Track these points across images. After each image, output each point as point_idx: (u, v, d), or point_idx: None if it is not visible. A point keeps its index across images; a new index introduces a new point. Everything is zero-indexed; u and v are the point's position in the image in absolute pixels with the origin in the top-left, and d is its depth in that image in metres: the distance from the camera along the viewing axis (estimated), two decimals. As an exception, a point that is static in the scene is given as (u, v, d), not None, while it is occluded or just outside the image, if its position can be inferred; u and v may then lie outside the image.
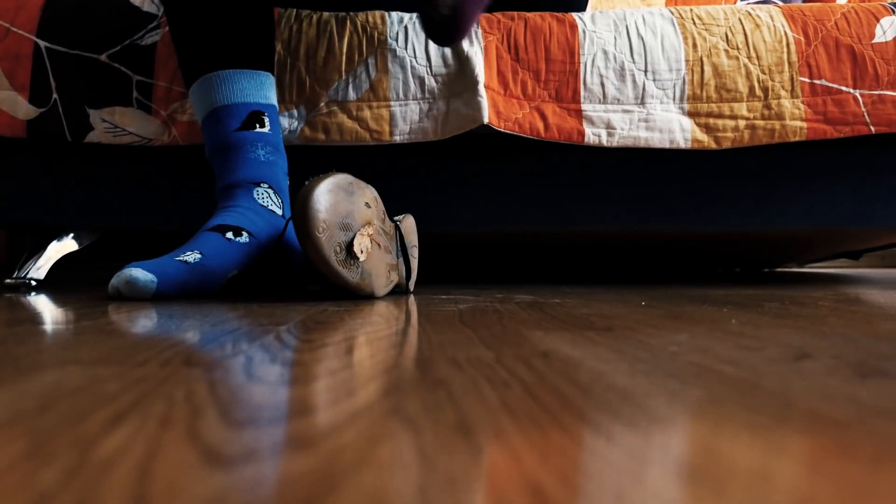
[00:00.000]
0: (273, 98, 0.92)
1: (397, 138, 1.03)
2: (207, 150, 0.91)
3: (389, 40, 1.03)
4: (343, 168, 1.01)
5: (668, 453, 0.20)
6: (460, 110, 1.01)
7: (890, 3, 1.09)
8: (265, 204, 0.87)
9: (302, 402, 0.26)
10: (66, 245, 1.08)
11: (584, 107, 1.03)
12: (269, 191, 0.88)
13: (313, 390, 0.28)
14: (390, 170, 1.04)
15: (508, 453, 0.20)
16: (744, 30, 1.06)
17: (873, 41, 1.05)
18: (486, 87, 1.02)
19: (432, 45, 1.03)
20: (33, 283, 1.02)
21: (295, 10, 1.04)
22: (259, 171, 0.88)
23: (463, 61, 1.02)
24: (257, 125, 0.88)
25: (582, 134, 1.03)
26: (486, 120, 1.00)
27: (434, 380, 0.30)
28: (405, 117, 1.02)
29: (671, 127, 1.03)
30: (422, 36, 1.03)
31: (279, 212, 0.88)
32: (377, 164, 1.04)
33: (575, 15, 1.07)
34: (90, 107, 1.00)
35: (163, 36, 1.01)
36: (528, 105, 1.03)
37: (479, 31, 1.04)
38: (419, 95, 1.02)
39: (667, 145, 1.03)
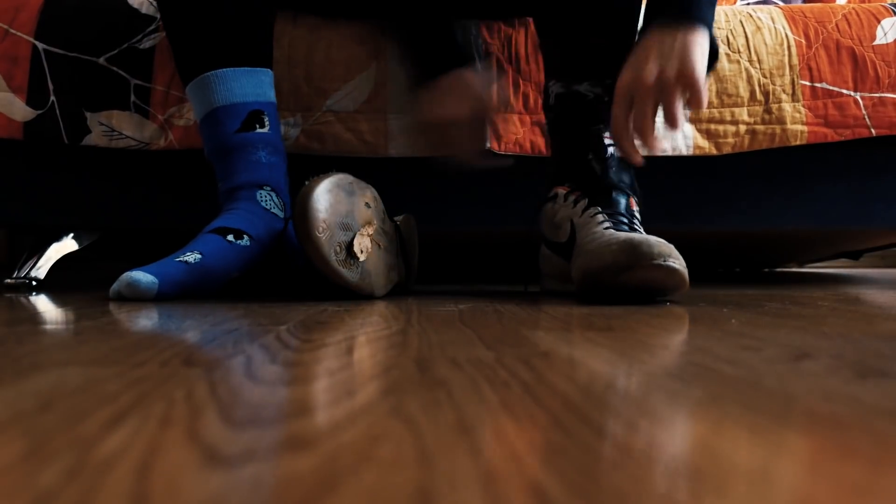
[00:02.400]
0: (272, 95, 0.91)
1: (393, 152, 1.02)
2: (207, 150, 0.90)
3: (390, 51, 1.02)
4: (342, 166, 1.01)
5: (669, 453, 0.20)
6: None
7: (890, 4, 1.09)
8: (268, 207, 0.86)
9: (302, 402, 0.26)
10: (66, 245, 1.08)
11: None
12: (272, 193, 0.87)
13: (313, 390, 0.28)
14: (389, 168, 1.04)
15: (508, 453, 0.20)
16: (745, 32, 1.05)
17: (874, 43, 1.05)
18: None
19: None
20: (33, 283, 1.02)
21: (294, 16, 1.04)
22: (261, 174, 0.87)
23: None
24: (257, 125, 0.88)
25: None
26: (486, 145, 1.00)
27: (434, 380, 0.30)
28: (402, 131, 1.02)
29: (673, 135, 1.03)
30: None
31: (281, 214, 0.88)
32: (376, 162, 1.03)
33: None
34: (88, 110, 1.00)
35: (161, 39, 1.01)
36: (529, 120, 1.03)
37: (480, 44, 1.03)
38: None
39: (669, 153, 1.03)
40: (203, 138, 0.91)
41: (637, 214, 0.83)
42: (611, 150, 0.85)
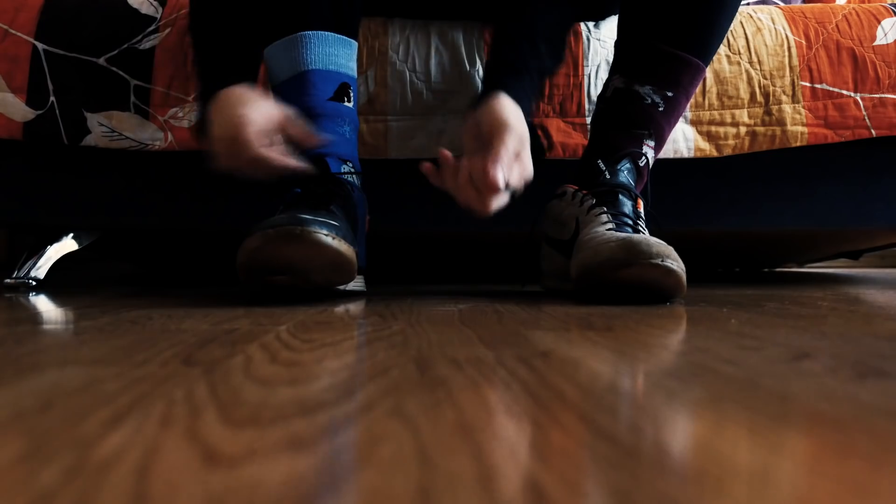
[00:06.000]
0: (355, 70, 0.87)
1: (393, 154, 1.02)
2: None
3: (390, 52, 1.02)
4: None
5: (668, 453, 0.20)
6: (460, 132, 1.01)
7: (890, 4, 1.09)
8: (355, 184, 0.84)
9: (302, 402, 0.26)
10: (65, 245, 1.08)
11: (589, 120, 1.02)
12: (352, 170, 0.85)
13: (313, 390, 0.28)
14: (389, 170, 1.04)
15: (508, 453, 0.20)
16: (745, 33, 1.05)
17: (874, 43, 1.05)
18: None
19: (433, 59, 1.02)
20: (33, 283, 1.02)
21: None
22: (344, 149, 0.84)
23: (464, 79, 1.01)
24: (345, 98, 0.84)
25: None
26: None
27: (434, 380, 0.30)
28: (402, 133, 1.02)
29: (675, 137, 1.03)
30: (423, 48, 1.02)
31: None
32: (376, 163, 1.03)
33: (582, 23, 1.06)
34: (88, 110, 1.00)
35: (161, 40, 1.01)
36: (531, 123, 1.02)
37: (483, 47, 1.03)
38: (416, 111, 1.01)
39: (671, 156, 1.03)
40: (281, 102, 0.85)
41: (643, 217, 0.83)
42: (648, 156, 0.86)
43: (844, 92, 1.04)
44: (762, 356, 0.37)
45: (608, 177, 0.83)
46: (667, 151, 1.03)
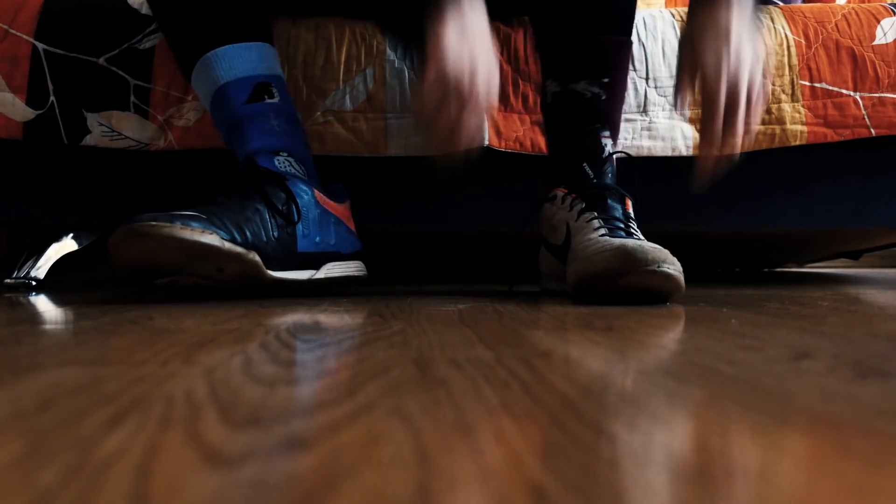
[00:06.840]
0: (278, 68, 0.88)
1: (392, 151, 1.02)
2: (222, 135, 0.87)
3: (388, 51, 1.02)
4: (341, 165, 1.00)
5: (668, 453, 0.20)
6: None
7: (890, 4, 1.09)
8: (289, 172, 0.83)
9: (302, 402, 0.26)
10: (65, 245, 1.08)
11: None
12: (290, 159, 0.84)
13: (313, 390, 0.28)
14: (388, 168, 1.04)
15: (508, 453, 0.20)
16: (744, 32, 1.05)
17: (874, 43, 1.05)
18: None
19: None
20: (33, 283, 1.02)
21: (293, 16, 1.04)
22: (275, 141, 0.84)
23: None
24: (266, 97, 0.84)
25: None
26: (486, 142, 1.00)
27: (434, 380, 0.30)
28: (401, 131, 1.02)
29: (673, 135, 1.03)
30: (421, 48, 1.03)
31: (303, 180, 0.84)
32: (375, 161, 1.03)
33: None
34: (87, 110, 1.00)
35: (161, 40, 1.01)
36: (528, 119, 1.02)
37: None
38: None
39: (669, 153, 1.03)
40: (216, 124, 0.87)
41: (633, 218, 0.83)
42: (608, 149, 0.85)
43: (844, 91, 1.04)
44: (762, 356, 0.37)
45: (594, 180, 0.83)
46: (665, 149, 1.03)
